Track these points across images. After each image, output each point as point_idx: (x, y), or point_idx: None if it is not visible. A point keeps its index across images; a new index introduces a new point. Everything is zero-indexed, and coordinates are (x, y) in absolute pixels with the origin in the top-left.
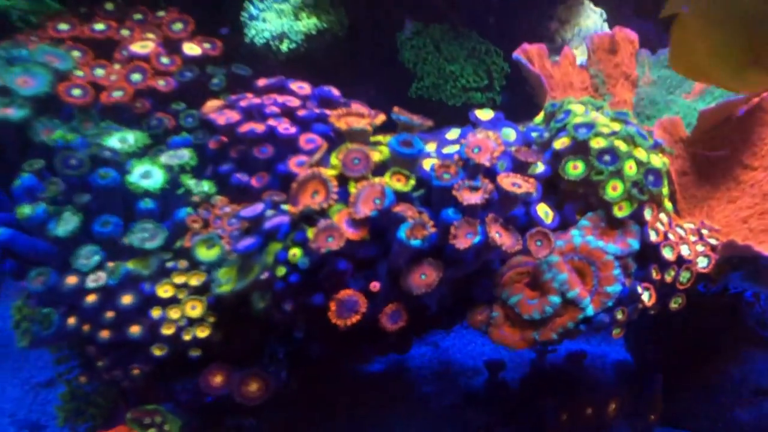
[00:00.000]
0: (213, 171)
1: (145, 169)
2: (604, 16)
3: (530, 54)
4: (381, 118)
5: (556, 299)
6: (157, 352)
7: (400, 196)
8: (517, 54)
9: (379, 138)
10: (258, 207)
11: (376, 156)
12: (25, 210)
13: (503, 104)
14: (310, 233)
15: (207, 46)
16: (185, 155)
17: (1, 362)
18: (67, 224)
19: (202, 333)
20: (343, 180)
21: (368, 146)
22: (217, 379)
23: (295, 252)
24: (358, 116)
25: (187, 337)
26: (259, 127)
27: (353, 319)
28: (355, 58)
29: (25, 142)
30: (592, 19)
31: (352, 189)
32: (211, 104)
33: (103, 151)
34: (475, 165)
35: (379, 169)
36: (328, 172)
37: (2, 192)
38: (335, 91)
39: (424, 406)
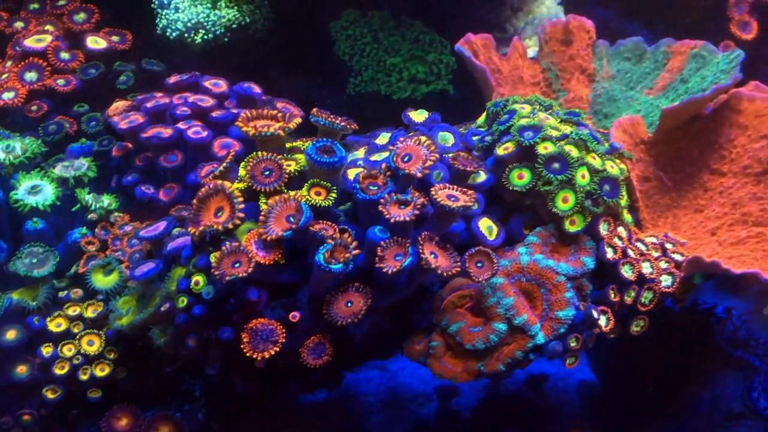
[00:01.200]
0: (117, 182)
1: (32, 184)
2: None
3: (475, 45)
4: (296, 120)
5: (501, 326)
6: (50, 395)
7: (320, 213)
8: (459, 45)
9: (298, 144)
10: (159, 226)
11: (292, 166)
12: None
13: (453, 100)
14: (213, 258)
15: (115, 39)
16: (83, 165)
17: None
18: None
19: (102, 371)
20: (252, 194)
21: (283, 154)
22: (122, 423)
23: (198, 280)
24: (269, 119)
25: (83, 377)
26: (165, 132)
27: (270, 351)
28: (287, 51)
29: None
30: (546, 6)
31: (263, 205)
32: (117, 105)
33: None
34: (405, 175)
35: (297, 181)
36: (235, 186)
37: None
38: (256, 89)
39: None
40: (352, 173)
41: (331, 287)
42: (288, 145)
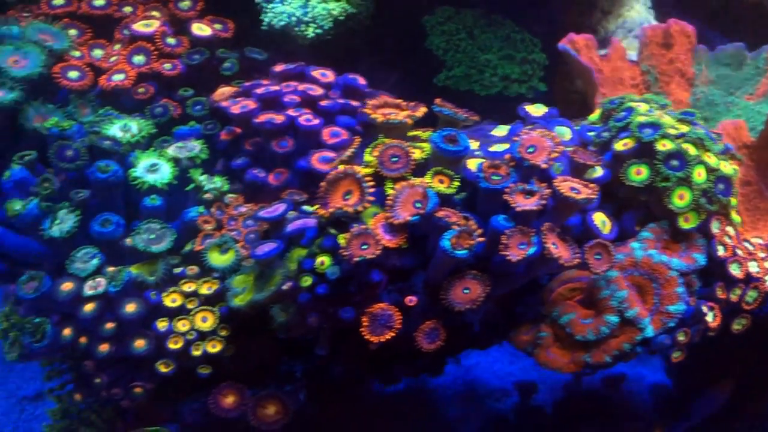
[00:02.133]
0: (224, 165)
1: (151, 162)
2: (649, 3)
3: (577, 45)
4: (422, 110)
5: (613, 318)
6: (163, 368)
7: (442, 200)
8: (563, 44)
9: (418, 133)
10: (279, 207)
11: (416, 153)
12: (15, 206)
13: (540, 98)
14: (342, 239)
15: (218, 26)
16: (195, 147)
17: None
18: (62, 223)
19: (214, 348)
20: (378, 179)
21: (407, 142)
22: (229, 400)
23: (324, 260)
24: (395, 108)
25: (196, 353)
26: (278, 118)
27: (387, 336)
28: (374, 44)
29: (15, 129)
30: (636, 10)
31: (390, 190)
32: (222, 91)
33: (102, 140)
34: (530, 166)
35: (418, 169)
36: (363, 171)
37: None
38: (361, 80)
39: (450, 431)
40: (471, 163)
41: (447, 273)
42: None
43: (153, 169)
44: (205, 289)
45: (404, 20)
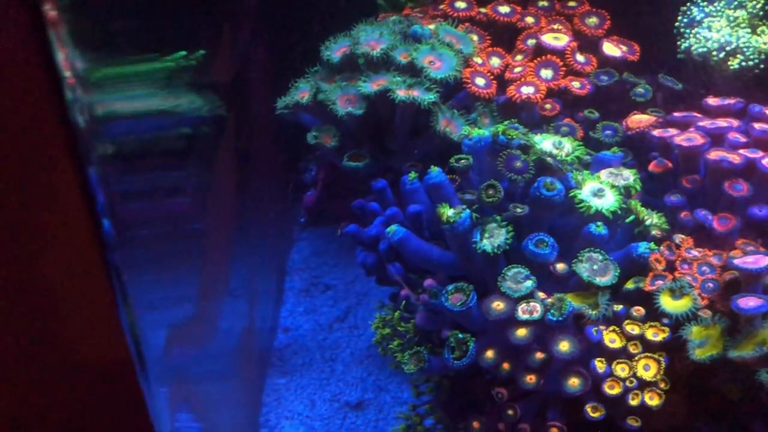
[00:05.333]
0: (641, 199)
1: (597, 187)
2: None
3: None
4: None
5: None
6: (593, 412)
7: None
8: None
9: None
10: (761, 259)
11: None
12: (448, 212)
13: None
14: None
15: (624, 48)
16: (630, 177)
17: (306, 369)
18: (493, 237)
19: (651, 400)
20: None
21: None
22: None
23: None
24: None
25: (633, 402)
26: (734, 158)
27: None
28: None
29: (415, 129)
30: None
31: None
32: (639, 118)
33: (545, 156)
34: None
35: None
36: None
37: (384, 183)
38: None
39: None
40: None
41: None
42: None
43: (599, 195)
44: (651, 335)
45: None
